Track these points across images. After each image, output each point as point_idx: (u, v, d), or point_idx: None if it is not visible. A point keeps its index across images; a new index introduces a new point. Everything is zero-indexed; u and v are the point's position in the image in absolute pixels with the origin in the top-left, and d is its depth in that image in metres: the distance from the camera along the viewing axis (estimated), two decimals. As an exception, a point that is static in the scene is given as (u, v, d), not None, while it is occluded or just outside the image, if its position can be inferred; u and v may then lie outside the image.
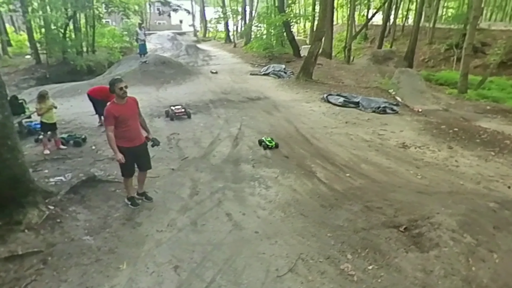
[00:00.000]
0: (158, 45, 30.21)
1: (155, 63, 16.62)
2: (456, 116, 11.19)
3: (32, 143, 7.46)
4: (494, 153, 7.47)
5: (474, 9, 17.17)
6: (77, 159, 6.56)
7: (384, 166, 6.70)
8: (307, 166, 6.44)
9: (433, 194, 5.21)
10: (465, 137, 8.34)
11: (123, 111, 4.33)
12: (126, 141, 4.43)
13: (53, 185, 5.18)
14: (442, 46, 27.34)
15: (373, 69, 19.68)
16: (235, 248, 4.00)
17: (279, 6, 21.84)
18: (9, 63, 20.88)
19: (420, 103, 12.31)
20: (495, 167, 6.78)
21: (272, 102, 11.56)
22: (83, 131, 8.23)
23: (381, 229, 4.21)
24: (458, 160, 7.13)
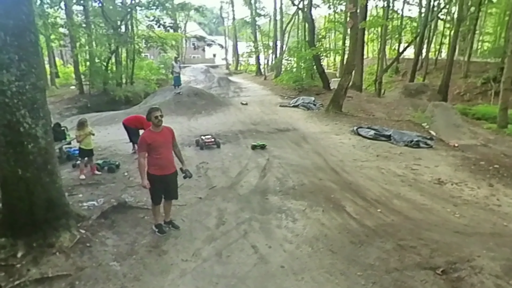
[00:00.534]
0: (192, 77, 31.47)
1: (188, 94, 17.31)
2: (496, 152, 10.70)
3: (70, 168, 7.84)
4: (540, 192, 7.05)
5: (511, 42, 16.84)
6: (110, 185, 6.79)
7: (418, 202, 6.47)
8: (336, 199, 6.30)
9: (473, 235, 4.96)
10: (507, 175, 8.00)
11: (156, 139, 4.49)
12: (157, 169, 4.56)
13: (85, 209, 5.38)
14: (478, 79, 26.78)
15: (405, 102, 19.46)
16: (260, 282, 3.90)
17: (309, 41, 22.42)
18: (56, 93, 22.44)
19: (456, 138, 11.93)
20: (541, 208, 6.37)
21: (301, 133, 11.60)
22: (117, 157, 8.56)
23: (416, 270, 3.99)
24: (500, 199, 6.78)
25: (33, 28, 4.32)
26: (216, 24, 69.79)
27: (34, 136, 4.20)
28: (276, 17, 35.49)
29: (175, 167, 4.81)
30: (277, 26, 35.32)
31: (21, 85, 4.01)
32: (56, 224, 4.40)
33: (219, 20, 59.26)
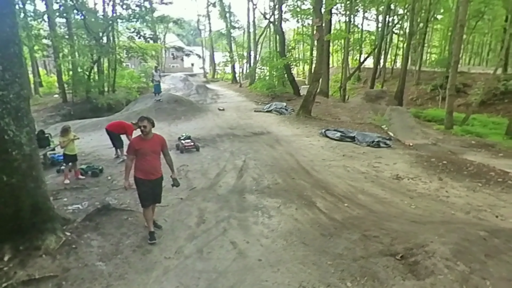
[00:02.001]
0: (172, 85, 30.98)
1: (168, 101, 17.02)
2: (444, 150, 11.17)
3: (54, 174, 7.54)
4: (481, 184, 7.38)
5: (454, 55, 17.73)
6: (94, 189, 6.57)
7: (379, 196, 6.62)
8: (308, 196, 6.37)
9: (426, 223, 5.11)
10: (454, 169, 8.27)
11: (143, 146, 4.47)
12: (141, 173, 4.51)
13: (70, 212, 5.21)
14: (428, 86, 27.87)
15: (366, 107, 19.93)
16: (239, 276, 3.89)
17: (280, 51, 22.60)
18: (39, 102, 21.62)
19: (411, 138, 12.33)
20: (483, 198, 6.67)
21: (275, 136, 11.65)
22: (101, 162, 8.30)
23: (379, 257, 4.09)
24: (448, 191, 7.04)
25: (17, 40, 4.16)
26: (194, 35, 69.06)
27: (19, 143, 4.04)
28: (250, 30, 35.60)
29: (160, 174, 4.73)
30: (251, 37, 35.43)
31: (5, 94, 3.84)
32: (41, 227, 4.23)
33: (197, 32, 58.61)
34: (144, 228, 4.81)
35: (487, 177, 7.71)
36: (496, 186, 7.26)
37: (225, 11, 36.24)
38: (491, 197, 6.68)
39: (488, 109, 22.87)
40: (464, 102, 23.46)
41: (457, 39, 17.88)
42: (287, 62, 21.86)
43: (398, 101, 23.03)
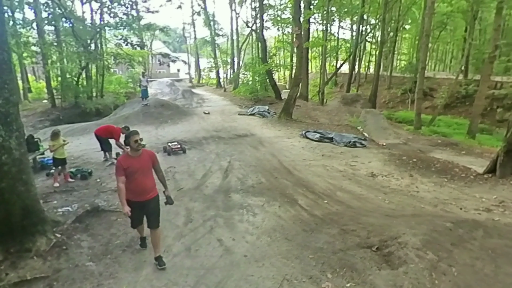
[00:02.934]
0: (158, 90, 30.50)
1: (155, 105, 16.75)
2: (414, 149, 11.44)
3: (44, 177, 7.30)
4: (447, 180, 7.61)
5: (421, 61, 18.31)
6: (83, 191, 6.40)
7: (356, 193, 6.71)
8: (290, 194, 6.40)
9: (399, 217, 5.22)
10: (423, 167, 8.49)
11: (132, 164, 3.77)
12: (131, 194, 3.82)
13: (60, 215, 5.06)
14: (398, 90, 28.59)
15: (343, 109, 20.18)
16: (226, 271, 3.87)
17: (262, 58, 22.66)
18: (28, 107, 20.89)
19: (384, 138, 12.57)
20: (448, 192, 6.88)
21: (258, 138, 11.65)
22: (90, 165, 8.08)
23: (356, 249, 4.16)
24: (418, 186, 7.21)
25: (6, 47, 4.06)
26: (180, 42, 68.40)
27: (8, 148, 3.95)
28: (233, 37, 35.52)
29: (154, 193, 3.99)
30: (234, 44, 35.36)
31: (-5, 100, 3.73)
32: (32, 230, 4.13)
33: (182, 39, 58.05)
34: (133, 229, 4.72)
35: (452, 173, 7.96)
36: (459, 181, 7.51)
37: (209, 19, 36.04)
38: (456, 191, 6.89)
39: (451, 111, 23.73)
40: (430, 104, 24.21)
41: (423, 47, 18.48)
42: (268, 68, 21.94)
43: (372, 104, 23.40)
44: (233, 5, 33.46)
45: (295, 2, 16.62)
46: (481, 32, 28.91)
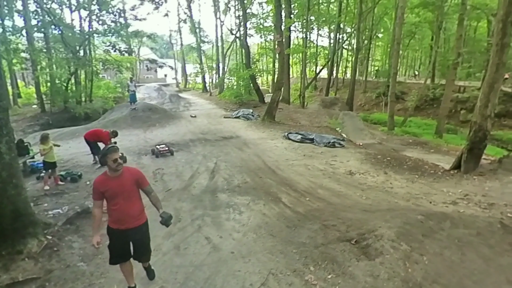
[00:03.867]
0: (146, 95, 29.98)
1: (143, 109, 16.45)
2: (388, 148, 11.69)
3: (34, 180, 7.04)
4: (418, 176, 7.80)
5: (393, 67, 18.80)
6: (74, 194, 6.21)
7: (336, 190, 6.78)
8: (274, 193, 6.41)
9: (375, 212, 5.31)
10: (396, 164, 8.67)
11: (110, 186, 2.97)
12: (113, 222, 3.10)
13: (51, 217, 4.91)
14: (373, 94, 29.22)
15: (322, 112, 20.40)
16: (214, 267, 3.84)
17: (246, 63, 22.66)
18: (18, 112, 20.20)
19: (361, 138, 12.80)
20: (419, 187, 7.05)
21: (243, 140, 11.62)
22: (80, 168, 7.85)
23: (337, 243, 4.21)
24: (392, 183, 7.35)
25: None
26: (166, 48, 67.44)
27: (-2, 153, 3.81)
28: (218, 44, 35.33)
29: (140, 221, 3.18)
30: (219, 51, 35.17)
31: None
32: (23, 232, 4.00)
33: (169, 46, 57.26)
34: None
35: (422, 170, 8.18)
36: (429, 177, 7.72)
37: (195, 27, 35.77)
38: (426, 187, 7.07)
39: (421, 113, 24.51)
40: (402, 107, 24.88)
41: (394, 54, 19.00)
42: (252, 73, 21.96)
43: (349, 107, 23.83)
44: (218, 14, 33.42)
45: (276, 11, 16.75)
46: (446, 40, 29.97)
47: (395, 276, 3.42)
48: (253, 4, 28.80)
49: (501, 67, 7.43)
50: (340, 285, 3.44)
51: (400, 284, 3.33)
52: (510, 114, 20.68)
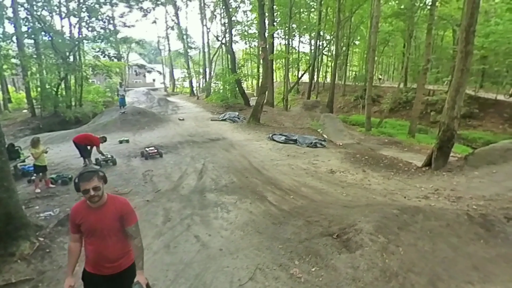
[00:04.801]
0: (135, 99, 29.36)
1: (132, 113, 16.14)
2: (366, 147, 11.91)
3: (25, 184, 6.79)
4: (393, 173, 7.98)
5: (369, 72, 19.25)
6: (65, 196, 6.01)
7: (318, 188, 6.84)
8: (260, 192, 6.41)
9: (355, 207, 5.38)
10: (373, 163, 8.82)
11: (87, 219, 2.24)
12: (87, 263, 2.37)
13: (43, 219, 4.78)
14: (351, 97, 29.71)
15: (305, 114, 20.59)
16: (203, 265, 3.81)
17: (232, 68, 22.64)
18: (9, 117, 19.45)
19: (340, 139, 12.98)
20: (395, 183, 7.22)
21: (229, 142, 11.57)
22: (70, 171, 7.59)
23: (320, 238, 4.25)
24: (370, 180, 7.49)
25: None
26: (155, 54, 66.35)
27: (-11, 157, 3.66)
28: (205, 50, 35.12)
29: (122, 265, 2.34)
30: (206, 56, 34.97)
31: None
32: (15, 235, 3.87)
33: (157, 51, 56.32)
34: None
35: (397, 167, 8.39)
36: (403, 174, 7.93)
37: (182, 33, 35.42)
38: (400, 183, 7.25)
39: (395, 115, 25.13)
40: (378, 109, 25.42)
41: (370, 60, 19.46)
42: (238, 78, 21.99)
43: (329, 109, 24.07)
44: (204, 21, 33.28)
45: (260, 19, 16.81)
46: (416, 48, 30.91)
47: (373, 266, 3.49)
48: (238, 12, 28.98)
49: (465, 73, 7.74)
50: (323, 277, 3.48)
51: (378, 274, 3.40)
52: (474, 115, 21.54)
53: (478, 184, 6.57)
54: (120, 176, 7.28)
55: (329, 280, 3.42)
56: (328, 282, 3.40)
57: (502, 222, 4.41)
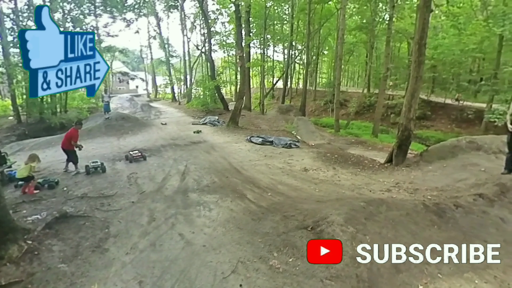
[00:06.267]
0: (119, 105, 28.25)
1: (116, 118, 15.52)
2: (335, 147, 12.21)
3: (12, 189, 6.32)
4: (360, 170, 8.24)
5: (336, 79, 19.88)
6: (51, 200, 5.66)
7: (293, 185, 6.89)
8: (240, 190, 6.38)
9: (327, 201, 5.46)
10: (342, 161, 9.04)
11: None
12: None
13: (30, 222, 4.48)
14: (321, 101, 30.40)
15: (280, 117, 20.78)
16: (188, 260, 3.74)
17: (211, 75, 22.48)
18: (-5, 124, 18.07)
19: (312, 140, 13.23)
20: (361, 179, 7.44)
21: (210, 144, 11.44)
22: (56, 176, 7.15)
23: (296, 231, 4.28)
24: (339, 176, 7.66)
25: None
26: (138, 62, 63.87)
27: (-24, 163, 3.40)
28: (185, 58, 34.51)
29: None
30: (186, 64, 34.38)
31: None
32: (3, 239, 3.65)
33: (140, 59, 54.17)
34: (100, 230, 4.31)
35: (363, 164, 8.69)
36: (368, 170, 8.22)
37: (164, 43, 34.68)
38: (366, 178, 7.50)
39: (360, 117, 26.07)
40: (345, 112, 26.21)
41: (337, 68, 20.10)
42: (217, 84, 21.82)
43: (302, 113, 24.41)
44: (185, 31, 32.79)
45: (237, 30, 16.85)
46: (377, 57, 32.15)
47: (344, 254, 3.57)
48: (217, 23, 28.72)
49: (419, 80, 8.21)
50: (300, 266, 3.54)
51: (349, 260, 3.51)
52: (427, 117, 22.88)
53: (432, 177, 6.95)
54: (106, 179, 6.98)
55: (305, 269, 3.47)
56: (304, 270, 3.46)
57: (452, 209, 4.71)
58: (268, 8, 25.77)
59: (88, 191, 6.09)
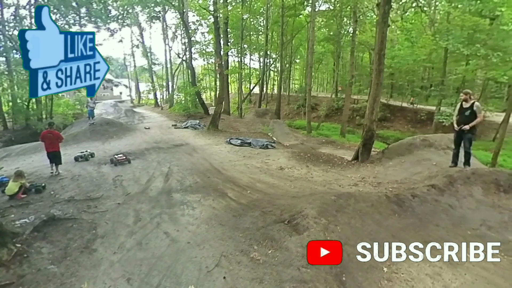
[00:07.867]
0: (103, 111, 26.91)
1: (101, 123, 14.79)
2: (308, 147, 12.45)
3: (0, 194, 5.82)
4: (330, 167, 8.44)
5: (308, 85, 20.40)
6: (39, 203, 5.31)
7: (271, 183, 6.92)
8: (221, 189, 6.33)
9: (301, 197, 5.55)
10: (314, 159, 9.20)
11: None
12: None
13: (19, 226, 4.22)
14: (295, 105, 31.02)
15: (257, 121, 20.78)
16: (173, 257, 3.67)
17: (192, 82, 22.10)
18: (-20, 130, 16.50)
19: (287, 141, 13.42)
20: (332, 175, 7.63)
21: (192, 146, 11.23)
22: (43, 180, 6.69)
23: (274, 225, 4.34)
24: (312, 174, 7.79)
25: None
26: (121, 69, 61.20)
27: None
28: (167, 65, 33.72)
29: None
30: (168, 71, 33.62)
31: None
32: None
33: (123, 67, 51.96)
34: (88, 232, 4.10)
35: (333, 162, 8.93)
36: (338, 167, 8.45)
37: (147, 51, 33.68)
38: (336, 174, 7.71)
39: (330, 119, 26.90)
40: (316, 115, 26.92)
41: (308, 75, 20.63)
42: (197, 90, 21.48)
43: (277, 116, 24.60)
44: (167, 40, 32.27)
45: (216, 39, 16.74)
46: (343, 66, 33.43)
47: (317, 243, 3.69)
48: (197, 33, 28.45)
49: (380, 86, 8.65)
50: (278, 257, 3.59)
51: (321, 249, 3.62)
52: (387, 118, 24.13)
53: (392, 172, 7.32)
54: (92, 182, 6.64)
55: (283, 259, 3.54)
56: (283, 261, 3.52)
57: (409, 199, 5.01)
58: (244, 20, 25.82)
59: (75, 194, 5.79)
